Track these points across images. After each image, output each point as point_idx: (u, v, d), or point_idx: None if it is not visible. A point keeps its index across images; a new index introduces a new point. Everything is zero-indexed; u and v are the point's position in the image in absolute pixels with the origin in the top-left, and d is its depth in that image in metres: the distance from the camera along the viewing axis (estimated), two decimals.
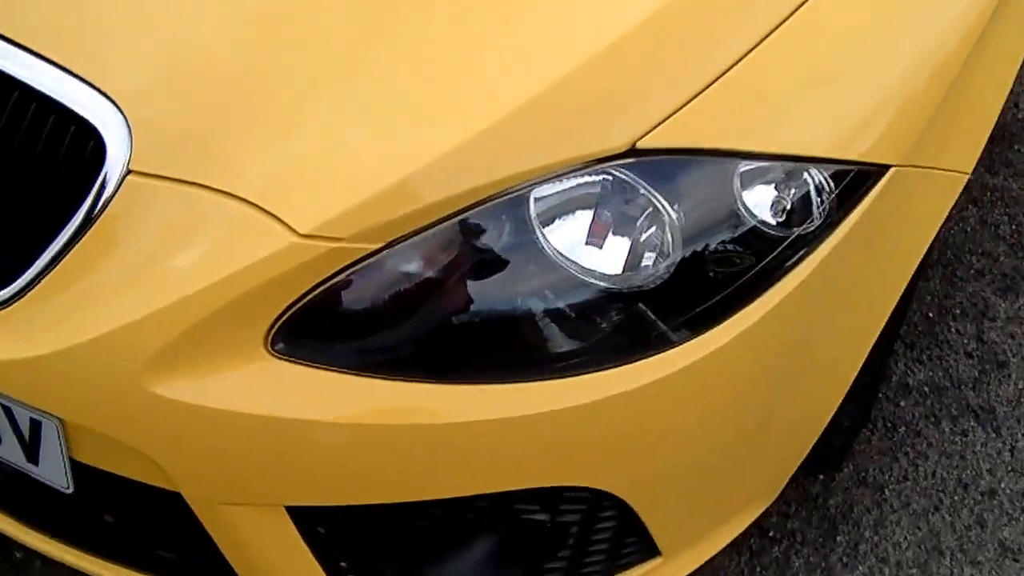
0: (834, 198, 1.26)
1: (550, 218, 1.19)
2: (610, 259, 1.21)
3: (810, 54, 1.28)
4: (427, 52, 1.19)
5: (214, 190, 1.14)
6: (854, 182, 1.27)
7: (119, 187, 1.16)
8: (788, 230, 1.25)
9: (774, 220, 1.24)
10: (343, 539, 1.29)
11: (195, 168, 1.14)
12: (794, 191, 1.25)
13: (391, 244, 1.13)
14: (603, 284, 1.20)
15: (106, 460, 1.24)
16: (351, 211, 1.11)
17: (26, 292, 1.19)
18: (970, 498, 1.95)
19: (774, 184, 1.25)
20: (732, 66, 1.22)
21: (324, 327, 1.16)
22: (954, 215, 2.53)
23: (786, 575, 1.83)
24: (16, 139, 1.18)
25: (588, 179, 1.19)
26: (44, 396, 1.20)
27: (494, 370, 1.18)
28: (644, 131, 1.16)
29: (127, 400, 1.15)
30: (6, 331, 1.19)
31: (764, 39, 1.24)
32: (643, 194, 1.20)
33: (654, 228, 1.21)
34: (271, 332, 1.15)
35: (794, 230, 1.25)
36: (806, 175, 1.25)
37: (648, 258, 1.21)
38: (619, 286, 1.20)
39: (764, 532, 1.86)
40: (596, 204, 1.20)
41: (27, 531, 1.42)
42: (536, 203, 1.18)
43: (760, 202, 1.24)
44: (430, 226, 1.14)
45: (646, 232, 1.21)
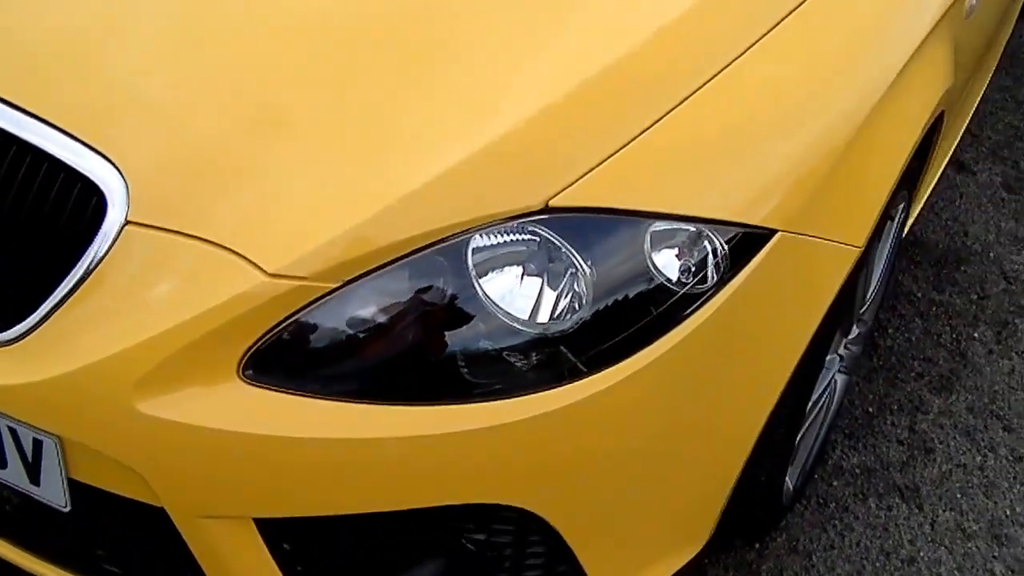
0: (727, 259, 1.46)
1: (485, 270, 1.39)
2: (535, 309, 1.40)
3: (716, 127, 1.50)
4: (375, 113, 1.41)
5: (195, 237, 1.34)
6: (745, 244, 1.47)
7: (117, 237, 1.37)
8: (687, 287, 1.45)
9: (676, 278, 1.44)
10: (303, 553, 1.47)
11: (179, 218, 1.35)
12: (696, 252, 1.46)
13: (347, 283, 1.34)
14: (529, 330, 1.40)
15: (99, 477, 1.42)
16: (311, 253, 1.32)
17: (33, 331, 1.39)
18: (891, 565, 2.12)
19: (679, 246, 1.45)
20: (643, 131, 1.43)
21: (288, 356, 1.35)
22: (900, 326, 2.76)
23: None
24: (29, 196, 1.39)
25: (518, 236, 1.39)
26: (45, 416, 1.39)
27: (430, 395, 1.37)
28: (558, 190, 1.38)
29: (116, 418, 1.34)
30: (14, 361, 1.39)
31: (676, 107, 1.46)
32: (564, 251, 1.41)
33: (574, 282, 1.41)
34: (243, 360, 1.35)
35: (694, 287, 1.45)
36: (707, 237, 1.46)
37: (567, 309, 1.41)
38: (542, 332, 1.40)
39: None
40: (525, 260, 1.41)
41: (26, 556, 1.59)
42: (473, 255, 1.38)
43: (667, 263, 1.45)
44: (380, 267, 1.34)
45: (567, 286, 1.41)
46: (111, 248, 1.37)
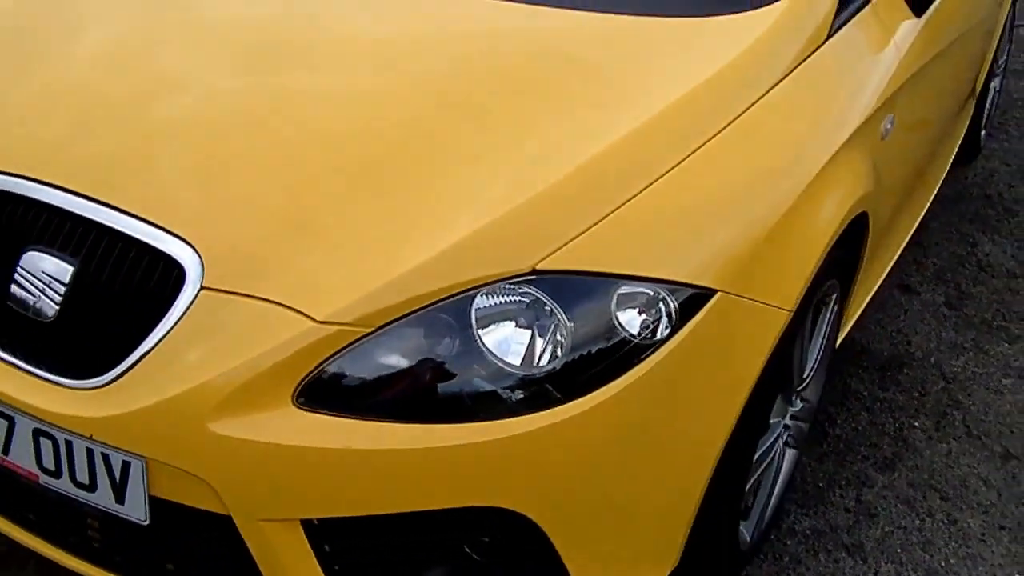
0: (678, 314, 1.83)
1: (486, 324, 1.77)
2: (526, 356, 1.78)
3: (673, 207, 1.90)
4: (399, 203, 1.83)
5: (256, 297, 1.73)
6: (692, 303, 1.85)
7: (194, 300, 1.75)
8: (642, 338, 1.81)
9: (638, 331, 1.82)
10: (339, 554, 1.80)
11: (244, 282, 1.75)
12: (654, 311, 1.83)
13: (379, 328, 1.71)
14: (520, 372, 1.77)
15: (176, 492, 1.77)
16: (352, 304, 1.70)
17: (123, 375, 1.76)
18: None
19: (639, 306, 1.83)
20: (614, 210, 1.84)
21: (331, 387, 1.72)
22: (848, 418, 3.12)
23: None
24: (122, 271, 1.80)
25: (513, 297, 1.77)
26: (134, 440, 1.74)
27: (441, 417, 1.73)
28: (543, 256, 1.77)
29: (193, 438, 1.70)
30: (107, 400, 1.76)
31: (640, 192, 1.87)
32: (549, 308, 1.78)
33: (556, 333, 1.79)
34: (296, 390, 1.71)
35: (647, 338, 1.81)
36: (662, 299, 1.83)
37: (551, 355, 1.78)
38: (531, 373, 1.77)
39: None
40: (518, 315, 1.79)
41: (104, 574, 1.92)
42: (477, 311, 1.76)
43: (630, 319, 1.82)
44: (403, 316, 1.72)
45: (552, 337, 1.78)
46: (188, 308, 1.75)
